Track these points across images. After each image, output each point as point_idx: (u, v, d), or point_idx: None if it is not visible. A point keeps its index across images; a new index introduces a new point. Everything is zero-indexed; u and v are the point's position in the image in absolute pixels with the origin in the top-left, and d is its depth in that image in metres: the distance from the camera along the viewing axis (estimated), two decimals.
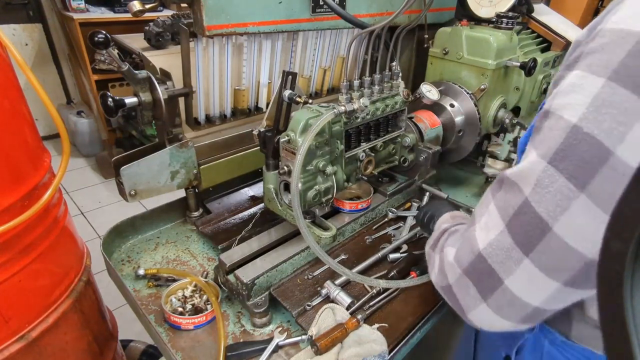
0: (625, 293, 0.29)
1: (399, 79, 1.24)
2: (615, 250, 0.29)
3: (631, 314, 0.29)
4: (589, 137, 0.46)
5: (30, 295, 0.96)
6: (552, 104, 0.52)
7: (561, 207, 0.49)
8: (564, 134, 0.48)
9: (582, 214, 0.48)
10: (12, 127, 0.87)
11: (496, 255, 0.56)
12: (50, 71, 3.93)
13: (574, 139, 0.47)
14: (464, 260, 0.62)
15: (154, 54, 2.61)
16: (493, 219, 0.57)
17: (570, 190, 0.48)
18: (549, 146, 0.50)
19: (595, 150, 0.46)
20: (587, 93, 0.47)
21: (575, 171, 0.48)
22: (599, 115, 0.45)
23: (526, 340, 0.77)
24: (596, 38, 0.48)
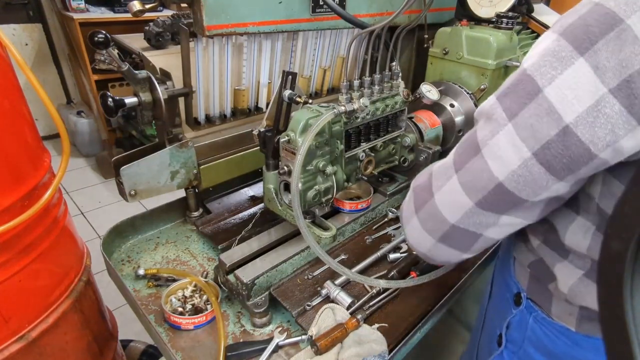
0: (625, 293, 0.29)
1: (399, 79, 1.24)
2: (615, 250, 0.29)
3: (631, 314, 0.29)
4: (528, 77, 0.55)
5: (30, 295, 0.96)
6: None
7: (492, 133, 0.58)
8: (515, 76, 0.57)
9: (505, 139, 0.57)
10: (12, 127, 0.87)
11: (438, 173, 0.67)
12: (50, 71, 3.93)
13: (518, 79, 0.56)
14: (420, 179, 0.73)
15: (154, 54, 2.61)
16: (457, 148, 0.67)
17: (503, 119, 0.57)
18: (503, 86, 0.59)
19: (529, 88, 0.54)
20: (543, 45, 0.55)
21: (510, 104, 0.56)
22: (541, 60, 0.54)
23: (514, 317, 0.83)
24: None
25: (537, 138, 0.54)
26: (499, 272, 0.93)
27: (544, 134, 0.53)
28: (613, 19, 0.49)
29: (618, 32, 0.48)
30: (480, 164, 0.59)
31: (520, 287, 0.82)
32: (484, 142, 0.59)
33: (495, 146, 0.58)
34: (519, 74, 0.57)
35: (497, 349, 0.88)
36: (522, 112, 0.55)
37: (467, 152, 0.62)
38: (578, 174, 0.54)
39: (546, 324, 0.77)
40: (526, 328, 0.80)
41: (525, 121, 0.54)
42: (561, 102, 0.52)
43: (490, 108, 0.59)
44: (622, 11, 0.48)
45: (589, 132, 0.50)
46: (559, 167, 0.54)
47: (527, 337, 0.80)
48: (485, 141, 0.59)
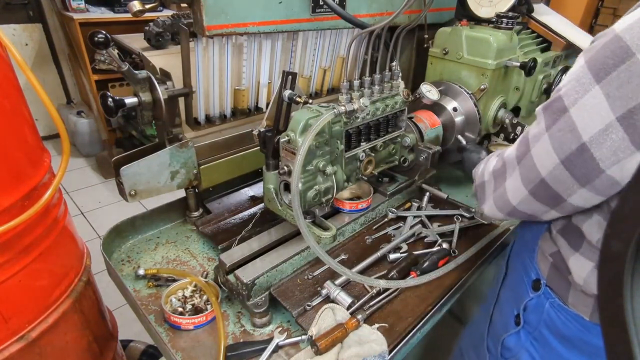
0: (625, 293, 0.29)
1: (399, 79, 1.24)
2: (615, 250, 0.29)
3: (631, 314, 0.29)
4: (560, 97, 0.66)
5: (30, 295, 0.96)
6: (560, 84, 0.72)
7: (536, 138, 0.71)
8: (554, 93, 0.68)
9: (544, 145, 0.69)
10: (12, 127, 0.87)
11: (509, 163, 0.80)
12: (50, 71, 3.93)
13: (554, 97, 0.68)
14: (497, 164, 0.85)
15: (154, 54, 2.62)
16: (521, 140, 0.78)
17: (542, 128, 0.69)
18: (551, 98, 0.69)
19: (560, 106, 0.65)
20: (574, 68, 0.66)
21: (547, 117, 0.68)
22: (569, 83, 0.64)
23: (530, 300, 0.90)
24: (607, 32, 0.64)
25: (563, 149, 0.65)
26: (517, 255, 1.01)
27: (568, 147, 0.64)
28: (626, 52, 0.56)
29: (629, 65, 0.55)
30: (530, 162, 0.73)
31: (541, 274, 0.89)
32: (533, 143, 0.72)
33: (539, 149, 0.70)
34: (555, 92, 0.68)
35: (515, 328, 0.95)
36: (555, 126, 0.66)
37: (524, 150, 0.74)
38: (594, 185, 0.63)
39: (562, 311, 0.83)
40: (542, 312, 0.87)
41: (555, 134, 0.66)
42: (581, 122, 0.62)
43: (538, 115, 0.72)
44: (635, 45, 0.55)
45: (599, 151, 0.60)
46: (579, 175, 0.64)
47: (543, 320, 0.87)
48: (533, 143, 0.72)
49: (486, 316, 1.12)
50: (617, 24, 0.59)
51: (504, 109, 1.50)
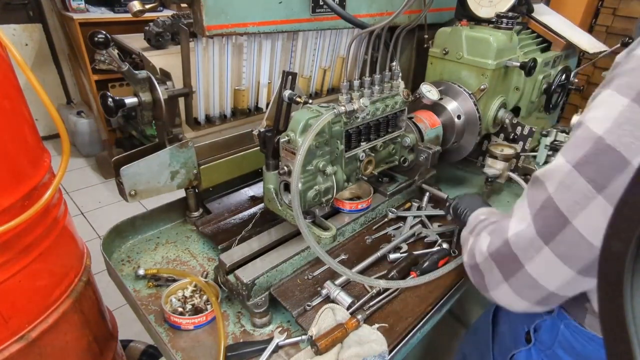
0: (625, 293, 0.29)
1: (399, 79, 1.24)
2: (615, 250, 0.29)
3: (631, 314, 0.29)
4: (610, 148, 0.53)
5: (30, 295, 0.96)
6: (584, 116, 0.60)
7: (580, 205, 0.57)
8: (590, 143, 0.56)
9: (598, 212, 0.55)
10: (12, 127, 0.87)
11: (519, 243, 0.65)
12: (50, 71, 3.93)
13: (597, 149, 0.55)
14: (493, 245, 0.71)
15: (154, 54, 2.62)
16: (524, 213, 0.66)
17: (589, 191, 0.56)
18: (576, 152, 0.58)
19: (614, 160, 0.53)
20: (612, 109, 0.54)
21: (595, 176, 0.55)
22: (620, 130, 0.53)
23: (544, 321, 0.86)
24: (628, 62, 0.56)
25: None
26: None
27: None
28: None
29: None
30: (574, 236, 0.58)
31: None
32: (573, 213, 0.58)
33: (588, 218, 0.57)
34: (595, 142, 0.55)
35: (525, 345, 0.91)
36: (612, 185, 0.54)
37: (553, 223, 0.60)
38: None
39: (578, 332, 0.79)
40: (557, 333, 0.83)
41: (616, 194, 0.53)
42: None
43: (566, 175, 0.59)
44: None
45: None
46: None
47: (558, 341, 0.83)
48: (575, 213, 0.58)
49: (488, 323, 1.09)
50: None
51: (504, 109, 1.50)
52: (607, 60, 3.62)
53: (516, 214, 0.68)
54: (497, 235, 0.70)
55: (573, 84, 1.73)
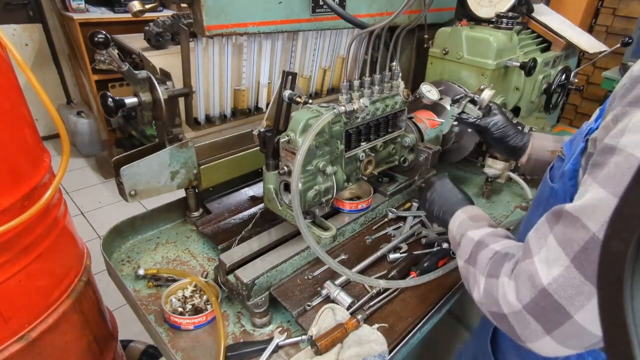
0: (625, 293, 0.29)
1: (399, 79, 1.24)
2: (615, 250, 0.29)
3: (631, 314, 0.29)
4: None
5: (30, 295, 0.96)
6: (619, 141, 0.53)
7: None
8: (635, 167, 0.49)
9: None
10: (12, 127, 0.87)
11: (564, 291, 0.56)
12: (50, 71, 3.93)
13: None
14: (525, 295, 0.61)
15: (154, 54, 2.62)
16: (554, 253, 0.58)
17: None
18: (619, 183, 0.51)
19: None
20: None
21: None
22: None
23: (568, 357, 0.78)
24: None
25: None
26: None
27: None
28: None
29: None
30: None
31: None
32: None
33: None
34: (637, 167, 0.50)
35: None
36: None
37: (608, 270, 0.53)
38: None
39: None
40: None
41: None
42: None
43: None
44: None
45: None
46: None
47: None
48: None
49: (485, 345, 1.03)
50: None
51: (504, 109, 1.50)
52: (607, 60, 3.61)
53: (540, 254, 0.60)
54: (527, 282, 0.60)
55: (573, 84, 1.73)
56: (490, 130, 1.13)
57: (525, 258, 0.63)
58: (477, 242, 0.78)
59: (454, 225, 0.90)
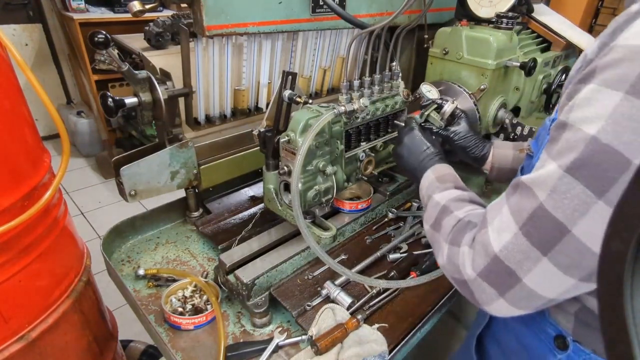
0: (625, 293, 0.29)
1: (399, 79, 1.24)
2: (615, 250, 0.29)
3: (631, 314, 0.29)
4: (607, 147, 0.48)
5: (30, 295, 0.96)
6: (569, 117, 0.55)
7: (579, 212, 0.52)
8: (583, 144, 0.51)
9: (599, 218, 0.51)
10: (12, 127, 0.87)
11: (513, 257, 0.59)
12: (50, 71, 3.93)
13: (591, 150, 0.50)
14: (479, 263, 0.64)
15: (154, 54, 2.62)
16: (505, 221, 0.60)
17: (588, 196, 0.51)
18: (567, 156, 0.53)
19: (614, 161, 0.48)
20: (603, 106, 0.49)
21: (593, 179, 0.50)
22: (617, 127, 0.48)
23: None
24: (609, 54, 0.51)
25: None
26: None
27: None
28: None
29: None
30: (575, 245, 0.54)
31: (563, 330, 0.77)
32: (572, 221, 0.53)
33: (589, 225, 0.52)
34: (588, 143, 0.51)
35: None
36: (614, 189, 0.49)
37: (549, 233, 0.55)
38: None
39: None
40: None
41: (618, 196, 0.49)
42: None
43: (559, 181, 0.54)
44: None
45: None
46: None
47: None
48: (574, 220, 0.53)
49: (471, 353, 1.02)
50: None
51: (504, 109, 1.50)
52: None
53: (494, 224, 0.63)
54: (481, 252, 0.64)
55: None
56: (452, 140, 1.15)
57: (481, 228, 0.65)
58: (442, 207, 0.79)
59: (423, 186, 0.91)
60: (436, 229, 0.78)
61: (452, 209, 0.77)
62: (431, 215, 0.81)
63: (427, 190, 0.88)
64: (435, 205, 0.81)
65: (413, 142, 1.03)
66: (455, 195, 0.81)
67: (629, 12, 0.54)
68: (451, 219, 0.75)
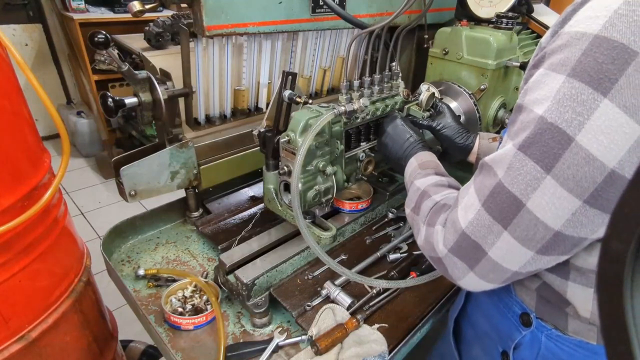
0: (625, 293, 0.29)
1: (399, 79, 1.24)
2: (615, 250, 0.29)
3: (631, 314, 0.29)
4: (552, 126, 0.53)
5: (30, 295, 0.96)
6: (523, 100, 0.59)
7: (531, 187, 0.56)
8: (532, 124, 0.56)
9: (549, 192, 0.55)
10: (12, 127, 0.87)
11: (478, 231, 0.63)
12: (50, 71, 3.93)
13: (539, 128, 0.55)
14: (449, 240, 0.68)
15: (154, 54, 2.61)
16: (471, 199, 0.65)
17: (538, 172, 0.55)
18: (520, 135, 0.58)
19: (558, 138, 0.53)
20: (550, 88, 0.54)
21: (541, 156, 0.55)
22: (560, 107, 0.53)
23: (523, 338, 0.81)
24: (556, 40, 0.56)
25: (584, 187, 0.53)
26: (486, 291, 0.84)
27: (590, 182, 0.52)
28: (626, 53, 0.48)
29: (636, 66, 0.47)
30: (529, 218, 0.58)
31: (527, 307, 0.80)
32: (525, 195, 0.57)
33: (540, 199, 0.56)
34: (537, 123, 0.55)
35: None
36: (559, 164, 0.53)
37: (507, 207, 0.59)
38: None
39: (562, 341, 0.76)
40: (539, 347, 0.79)
41: (564, 173, 0.53)
42: (598, 149, 0.51)
43: (514, 158, 0.58)
44: (633, 42, 0.47)
45: (631, 171, 0.50)
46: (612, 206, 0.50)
47: (541, 354, 0.79)
48: (527, 195, 0.57)
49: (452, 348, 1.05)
50: (585, 26, 0.52)
51: (504, 109, 1.50)
52: None
53: (462, 202, 0.67)
54: (451, 229, 0.68)
55: None
56: (437, 131, 1.16)
57: (452, 208, 0.70)
58: (422, 192, 0.84)
59: (407, 173, 0.96)
60: (415, 212, 0.82)
61: (430, 193, 0.82)
62: (412, 199, 0.86)
63: (409, 177, 0.93)
64: (416, 191, 0.86)
65: (396, 130, 1.08)
66: (435, 181, 0.85)
67: (576, 1, 0.57)
68: (429, 202, 0.79)
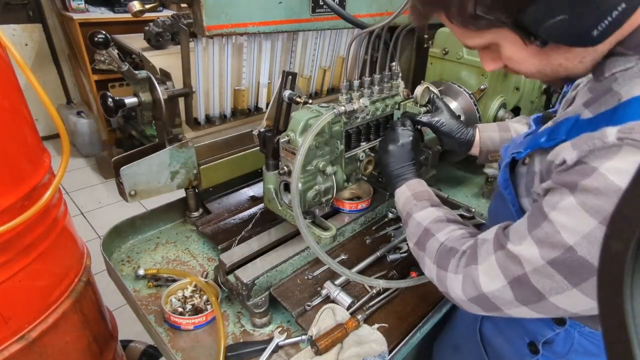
0: (625, 293, 0.29)
1: (399, 79, 1.24)
2: (615, 250, 0.29)
3: (631, 314, 0.29)
4: (583, 259, 0.59)
5: (30, 295, 0.96)
6: (550, 213, 0.63)
7: (556, 291, 0.63)
8: (561, 250, 0.60)
9: (574, 297, 0.62)
10: (12, 127, 0.87)
11: (500, 300, 0.71)
12: (50, 71, 3.93)
13: (570, 257, 0.60)
14: (469, 292, 0.75)
15: (154, 54, 2.61)
16: (495, 272, 0.70)
17: (565, 284, 0.62)
18: (548, 251, 0.62)
19: (587, 267, 0.59)
20: (582, 226, 0.58)
21: (570, 275, 0.61)
22: (591, 246, 0.58)
23: (557, 334, 0.86)
24: (592, 175, 0.57)
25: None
26: None
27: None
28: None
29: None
30: (550, 307, 0.66)
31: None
32: (550, 293, 0.64)
33: (564, 300, 0.63)
34: (566, 250, 0.60)
35: (531, 356, 0.90)
36: (588, 281, 0.60)
37: (530, 296, 0.66)
38: None
39: (594, 336, 0.81)
40: (572, 342, 0.84)
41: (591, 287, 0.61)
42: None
43: (541, 267, 0.63)
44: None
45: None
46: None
47: (574, 349, 0.84)
48: (551, 294, 0.64)
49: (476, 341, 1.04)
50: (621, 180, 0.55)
51: (504, 109, 1.50)
52: None
53: (484, 265, 0.71)
54: (471, 285, 0.74)
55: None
56: (437, 128, 1.16)
57: (471, 263, 0.74)
58: (424, 229, 0.88)
59: (399, 199, 1.00)
60: (421, 248, 0.87)
61: (433, 231, 0.86)
62: (414, 234, 0.90)
63: (404, 206, 0.97)
64: (417, 226, 0.90)
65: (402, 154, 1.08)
66: (434, 217, 0.90)
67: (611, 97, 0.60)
68: (434, 242, 0.84)
